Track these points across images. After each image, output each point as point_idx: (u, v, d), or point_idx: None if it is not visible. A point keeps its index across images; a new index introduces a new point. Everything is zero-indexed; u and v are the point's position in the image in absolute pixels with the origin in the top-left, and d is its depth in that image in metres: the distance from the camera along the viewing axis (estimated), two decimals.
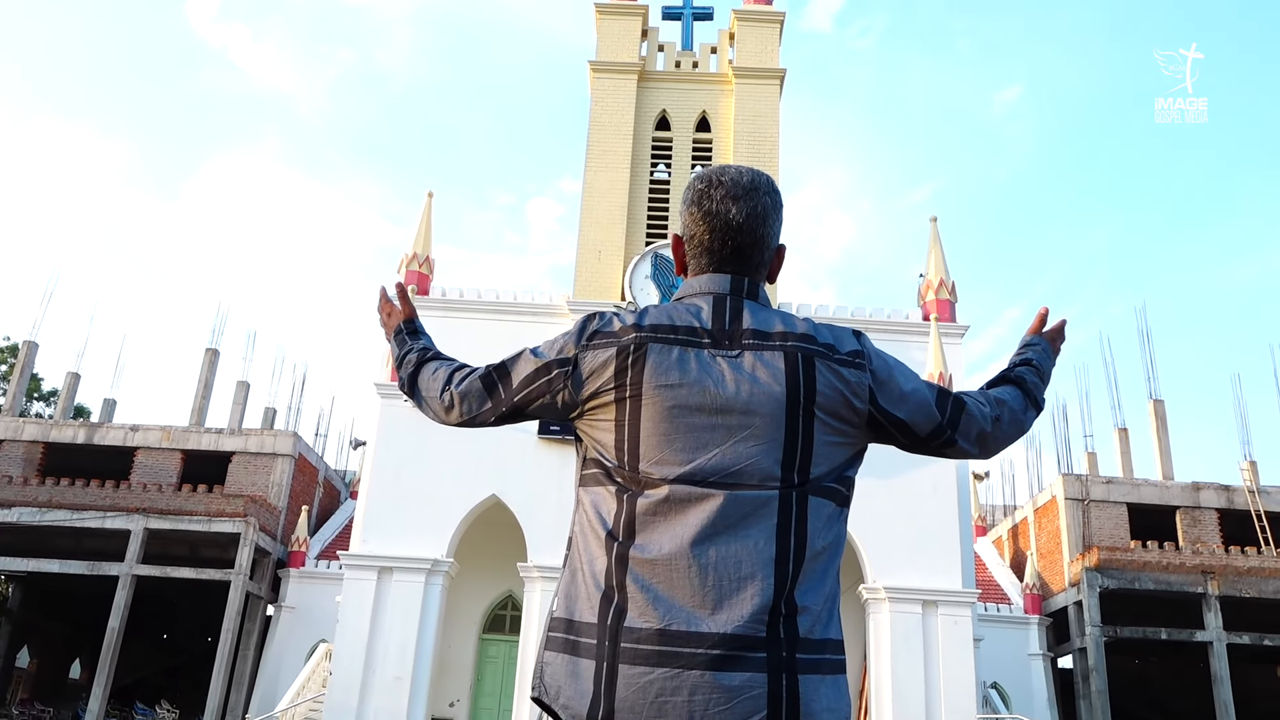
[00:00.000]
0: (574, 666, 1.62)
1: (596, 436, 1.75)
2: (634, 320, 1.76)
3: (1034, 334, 2.10)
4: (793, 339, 1.74)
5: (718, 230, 1.83)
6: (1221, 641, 24.30)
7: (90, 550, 26.66)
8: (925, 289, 19.18)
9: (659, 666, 1.56)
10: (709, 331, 1.75)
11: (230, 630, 25.18)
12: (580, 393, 1.76)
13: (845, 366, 1.74)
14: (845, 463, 1.76)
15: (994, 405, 1.88)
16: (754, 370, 1.70)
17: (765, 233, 1.85)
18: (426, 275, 19.24)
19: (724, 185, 1.84)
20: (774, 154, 19.92)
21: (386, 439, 16.34)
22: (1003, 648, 25.03)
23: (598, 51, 20.81)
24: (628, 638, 1.59)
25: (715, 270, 1.83)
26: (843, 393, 1.72)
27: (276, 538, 27.69)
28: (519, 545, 16.35)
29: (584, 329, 1.79)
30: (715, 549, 1.61)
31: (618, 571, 1.63)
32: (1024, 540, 30.48)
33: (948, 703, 14.98)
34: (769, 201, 1.86)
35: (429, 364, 1.99)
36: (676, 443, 1.67)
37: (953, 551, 15.69)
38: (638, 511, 1.66)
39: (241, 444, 28.66)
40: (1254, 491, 26.97)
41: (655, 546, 1.62)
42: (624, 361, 1.72)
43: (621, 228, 19.38)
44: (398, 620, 15.60)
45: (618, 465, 1.70)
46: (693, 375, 1.70)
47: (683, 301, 1.82)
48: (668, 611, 1.58)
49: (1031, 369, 1.99)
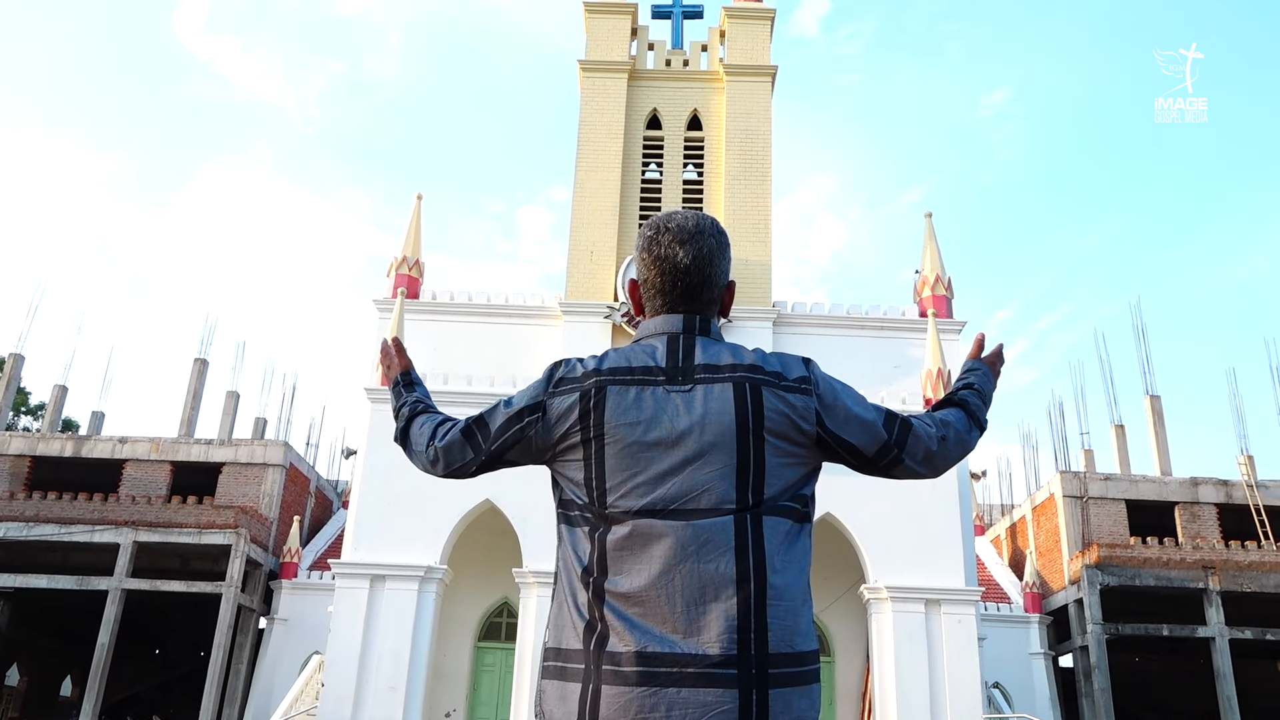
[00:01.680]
0: (563, 690, 1.74)
1: (568, 475, 1.87)
2: (594, 365, 1.89)
3: (974, 359, 2.24)
4: (741, 370, 1.85)
5: (668, 273, 1.95)
6: (1224, 637, 24.12)
7: (79, 565, 26.28)
8: (921, 285, 18.99)
9: (638, 686, 1.67)
10: (664, 370, 1.86)
11: (222, 644, 24.82)
12: (550, 436, 1.89)
13: (791, 392, 1.85)
14: (799, 481, 1.86)
15: (940, 426, 1.99)
16: (705, 402, 1.82)
17: (713, 272, 1.97)
18: (417, 279, 18.98)
19: (671, 230, 1.97)
20: (766, 151, 19.72)
21: (377, 444, 16.05)
22: (1003, 647, 24.80)
23: (587, 51, 20.60)
24: (609, 661, 1.70)
25: (669, 311, 1.96)
26: (790, 417, 1.83)
27: (268, 549, 27.35)
28: (514, 551, 16.07)
29: (551, 376, 1.93)
30: (680, 576, 1.72)
31: (596, 604, 1.76)
32: (1022, 539, 30.29)
33: (953, 703, 14.74)
34: (714, 243, 1.98)
35: (418, 418, 2.11)
36: (638, 476, 1.79)
37: (955, 550, 15.46)
38: (608, 548, 1.78)
39: (231, 455, 28.33)
40: (1252, 486, 26.83)
41: (627, 580, 1.75)
42: (586, 405, 1.84)
43: (613, 228, 19.15)
44: (391, 629, 15.29)
45: (587, 503, 1.83)
46: (649, 412, 1.82)
47: (640, 343, 1.94)
48: (644, 636, 1.70)
49: (974, 392, 2.13)
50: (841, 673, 17.70)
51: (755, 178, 19.54)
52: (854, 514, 15.76)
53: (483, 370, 17.06)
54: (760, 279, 18.61)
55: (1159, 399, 29.20)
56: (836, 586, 17.17)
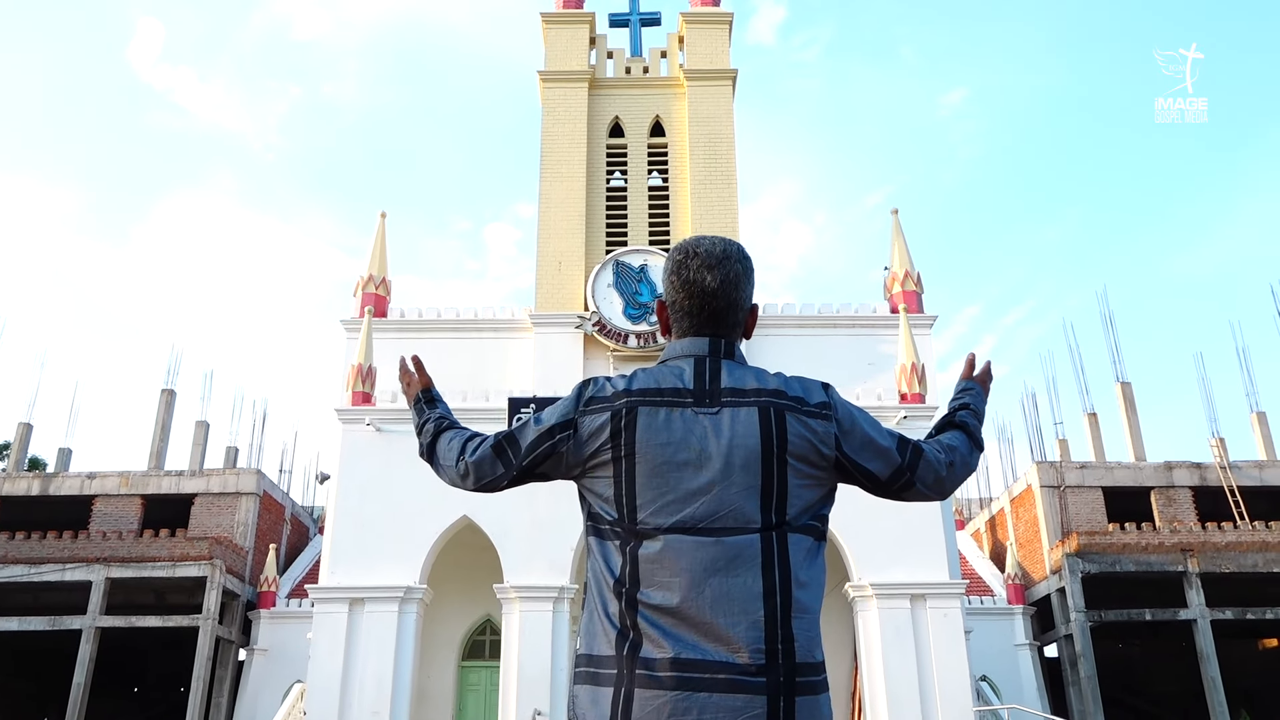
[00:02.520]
0: (595, 695, 1.80)
1: (598, 491, 1.93)
2: (625, 385, 1.95)
3: (966, 378, 2.34)
4: (765, 394, 1.93)
5: (695, 296, 2.02)
6: (1205, 619, 24.24)
7: (51, 605, 25.72)
8: (891, 281, 19.02)
9: (671, 690, 1.74)
10: (691, 392, 1.93)
11: (201, 677, 24.36)
12: (582, 453, 1.95)
13: (813, 418, 1.93)
14: (818, 502, 1.95)
15: (947, 452, 2.08)
16: (732, 425, 1.89)
17: (738, 296, 2.04)
18: (384, 297, 18.78)
19: (700, 255, 2.03)
20: (730, 154, 19.70)
21: (350, 465, 15.81)
22: (989, 640, 24.80)
23: (546, 61, 20.52)
24: (643, 666, 1.77)
25: (695, 333, 2.03)
26: (811, 441, 1.91)
27: (245, 579, 26.90)
28: (495, 567, 15.87)
29: (580, 395, 1.99)
30: (711, 590, 1.79)
31: (629, 613, 1.82)
32: (1002, 531, 30.38)
33: (942, 697, 14.68)
34: (740, 268, 2.05)
35: (445, 434, 2.18)
36: (668, 495, 1.85)
37: (937, 543, 15.43)
38: (640, 561, 1.84)
39: (203, 485, 27.89)
40: (1225, 468, 27.07)
41: (659, 593, 1.81)
42: (618, 424, 1.91)
43: (580, 237, 19.04)
44: (372, 652, 15.02)
45: (617, 518, 1.89)
46: (679, 434, 1.88)
47: (668, 364, 2.00)
48: (677, 643, 1.77)
49: (970, 413, 2.22)
50: (830, 673, 17.57)
51: (720, 181, 19.51)
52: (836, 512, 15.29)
53: (454, 385, 16.84)
54: None
55: (1130, 386, 29.43)
56: None
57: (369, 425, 15.95)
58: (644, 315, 18.24)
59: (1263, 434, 28.78)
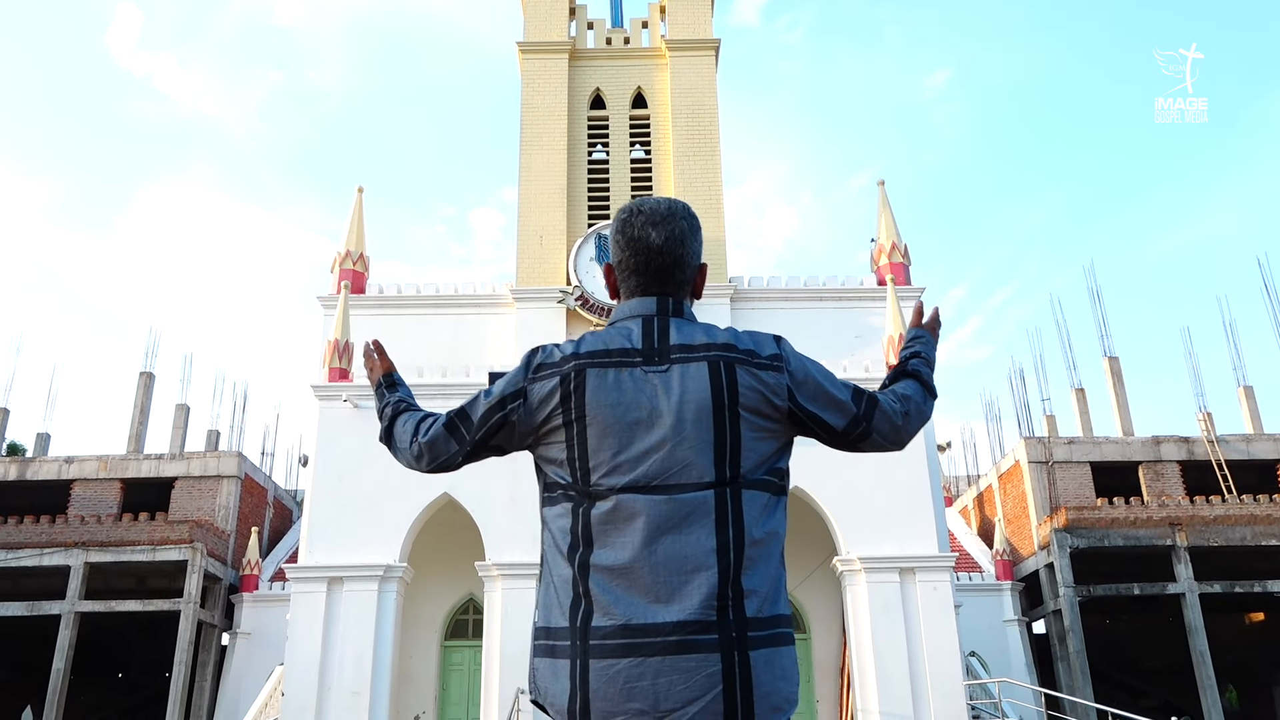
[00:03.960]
0: (554, 667, 1.80)
1: (551, 457, 1.93)
2: (573, 349, 1.94)
3: (915, 326, 2.33)
4: (715, 349, 1.91)
5: (641, 254, 2.01)
6: (1194, 592, 24.19)
7: (29, 591, 25.37)
8: (878, 253, 18.75)
9: (624, 657, 1.73)
10: (640, 351, 1.92)
11: (184, 662, 24.07)
12: (533, 420, 1.94)
13: (764, 370, 1.91)
14: (774, 454, 1.92)
15: (902, 401, 2.07)
16: (682, 381, 1.87)
17: (684, 253, 2.03)
18: (361, 273, 18.42)
19: (644, 214, 2.03)
20: (713, 126, 19.37)
21: (328, 443, 15.48)
22: (977, 616, 24.70)
23: (525, 32, 20.10)
24: (595, 635, 1.76)
25: (643, 293, 2.02)
26: (763, 393, 1.89)
27: (227, 562, 26.60)
28: (476, 545, 15.60)
29: (529, 363, 1.98)
30: (663, 548, 1.78)
31: (581, 579, 1.81)
32: (990, 508, 30.29)
33: (932, 671, 14.49)
34: (685, 225, 2.04)
35: (401, 416, 2.16)
36: (620, 455, 1.84)
37: (926, 517, 15.22)
38: (592, 523, 1.83)
39: (184, 468, 27.53)
40: (1213, 442, 26.99)
41: (611, 553, 1.80)
42: (567, 388, 1.90)
43: (562, 211, 18.70)
44: (352, 632, 14.72)
45: (571, 482, 1.88)
46: (629, 393, 1.87)
47: (616, 325, 1.99)
48: (628, 608, 1.76)
49: (922, 360, 2.20)
50: (818, 648, 17.42)
51: (704, 153, 19.18)
52: (823, 486, 15.46)
53: (434, 362, 16.54)
54: (715, 255, 18.25)
55: (1117, 360, 29.31)
56: (809, 561, 16.88)
57: (346, 401, 15.62)
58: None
59: (1250, 407, 28.71)
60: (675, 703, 1.71)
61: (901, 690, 14.44)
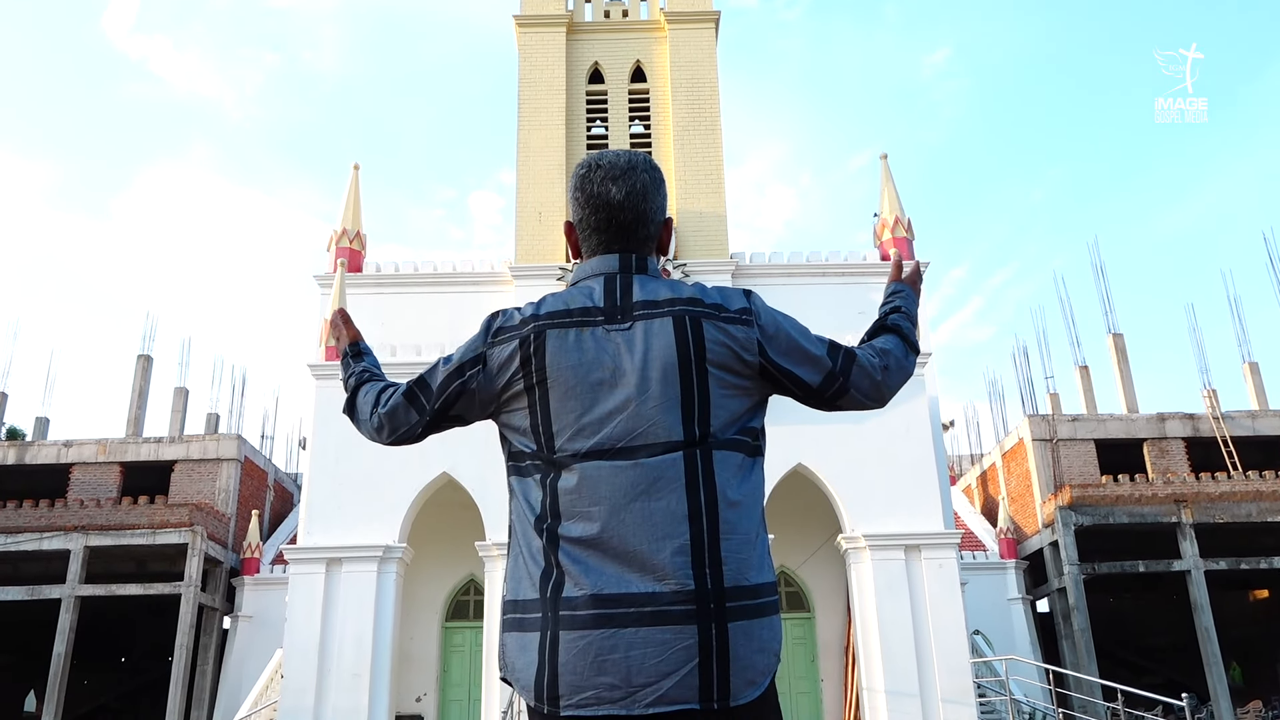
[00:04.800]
0: (522, 641, 1.72)
1: (514, 424, 1.85)
2: (532, 311, 1.86)
3: (895, 280, 2.24)
4: (680, 303, 1.83)
5: (601, 210, 1.93)
6: (1199, 569, 24.06)
7: (30, 575, 25.30)
8: (881, 228, 18.52)
9: (595, 629, 1.65)
10: (602, 310, 1.84)
11: (185, 645, 24.01)
12: (493, 387, 1.85)
13: (732, 324, 1.83)
14: (746, 413, 1.83)
15: (881, 356, 1.97)
16: (646, 338, 1.79)
17: (647, 208, 1.94)
18: (359, 251, 18.20)
19: (603, 168, 1.95)
20: (714, 99, 19.08)
21: (325, 421, 15.28)
22: (982, 595, 24.59)
23: (522, 5, 19.79)
24: (565, 607, 1.68)
25: (605, 251, 1.94)
26: (731, 348, 1.81)
27: (228, 546, 26.50)
28: (476, 525, 15.43)
29: (489, 327, 1.90)
30: (632, 515, 1.70)
31: (550, 549, 1.73)
32: (994, 486, 30.14)
33: (939, 649, 14.34)
34: (648, 179, 1.95)
35: (364, 387, 2.06)
36: (584, 418, 1.76)
37: (932, 493, 15.04)
38: (559, 493, 1.75)
39: (183, 452, 27.40)
40: (1218, 418, 26.81)
41: (580, 524, 1.72)
42: (526, 351, 1.81)
43: (561, 187, 18.44)
44: (351, 613, 14.57)
45: (535, 449, 1.80)
46: (590, 354, 1.79)
47: (578, 285, 1.91)
48: (599, 578, 1.68)
49: (902, 315, 2.11)
50: (823, 627, 17.27)
51: (704, 127, 18.91)
52: (826, 463, 15.28)
53: (432, 340, 16.32)
54: (716, 230, 18.02)
55: (1121, 337, 29.10)
56: (813, 540, 16.72)
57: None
58: None
59: (1255, 384, 28.51)
60: (648, 676, 1.63)
61: (907, 668, 14.30)
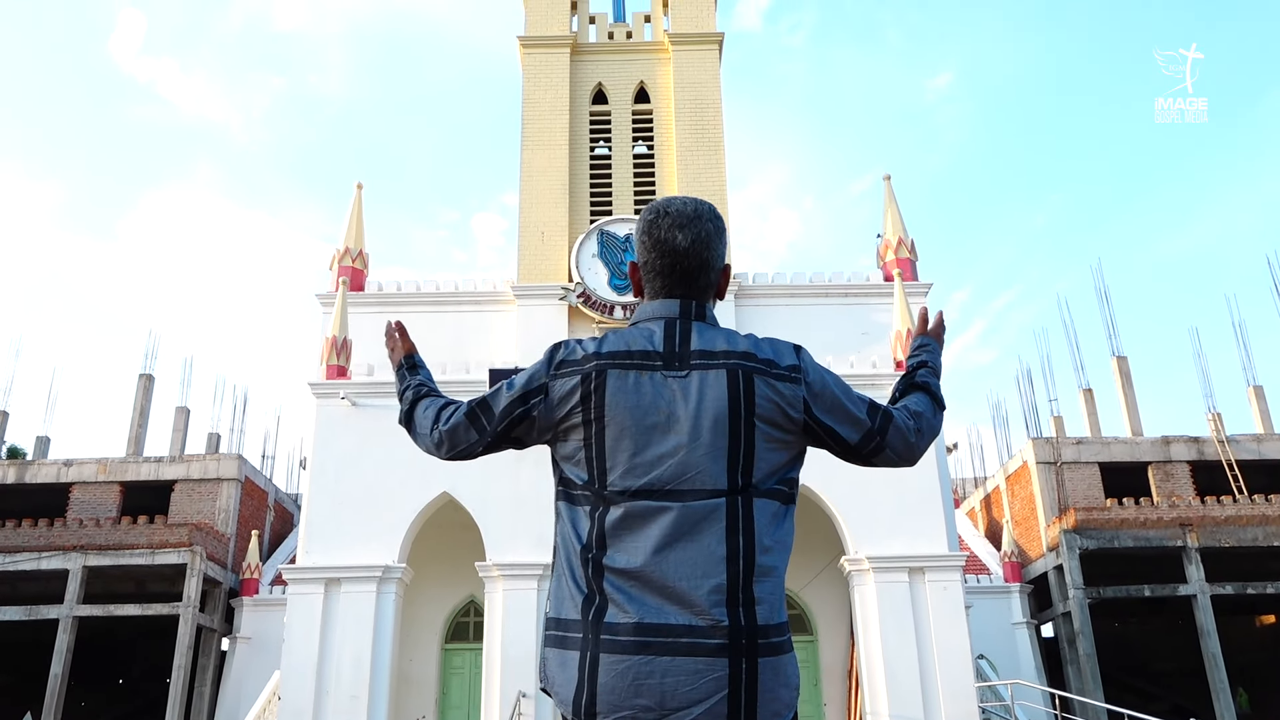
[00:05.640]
0: (562, 658, 1.83)
1: (568, 454, 1.94)
2: (595, 348, 1.96)
3: (921, 334, 2.37)
4: (735, 357, 1.92)
5: (667, 255, 2.02)
6: (1205, 594, 23.84)
7: (28, 595, 25.12)
8: (884, 249, 18.47)
9: (635, 654, 1.76)
10: (661, 354, 1.93)
11: (183, 666, 23.80)
12: (553, 416, 1.95)
13: (782, 381, 1.92)
14: (785, 465, 1.93)
15: (915, 418, 2.08)
16: (700, 388, 1.89)
17: (710, 256, 2.04)
18: (361, 270, 18.17)
19: (670, 215, 2.04)
20: (717, 120, 19.11)
21: (325, 441, 15.20)
22: (986, 619, 24.36)
23: (527, 26, 19.87)
24: (607, 631, 1.79)
25: (666, 294, 2.03)
26: (779, 404, 1.90)
27: (227, 566, 26.33)
28: (477, 546, 15.31)
29: (552, 359, 1.99)
30: (675, 554, 1.81)
31: (595, 578, 1.84)
32: (998, 509, 29.95)
33: (943, 673, 14.16)
34: (711, 228, 2.04)
35: (422, 401, 2.18)
36: (636, 458, 1.86)
37: (936, 516, 14.91)
38: (606, 526, 1.85)
39: (184, 471, 27.28)
40: (1223, 441, 26.66)
41: (624, 556, 1.83)
42: (587, 388, 1.91)
43: (564, 207, 18.44)
44: (350, 634, 14.42)
45: (587, 481, 1.90)
46: (647, 397, 1.89)
47: (638, 326, 2.00)
48: (641, 608, 1.79)
49: (929, 371, 2.23)
50: (825, 650, 17.10)
51: (707, 148, 18.92)
52: (830, 485, 15.16)
53: (434, 359, 16.25)
54: None
55: (1125, 360, 28.98)
56: (816, 562, 16.58)
57: (344, 399, 15.33)
58: (630, 286, 17.62)
59: (1260, 407, 28.38)
60: (680, 702, 1.74)
61: (911, 692, 14.12)
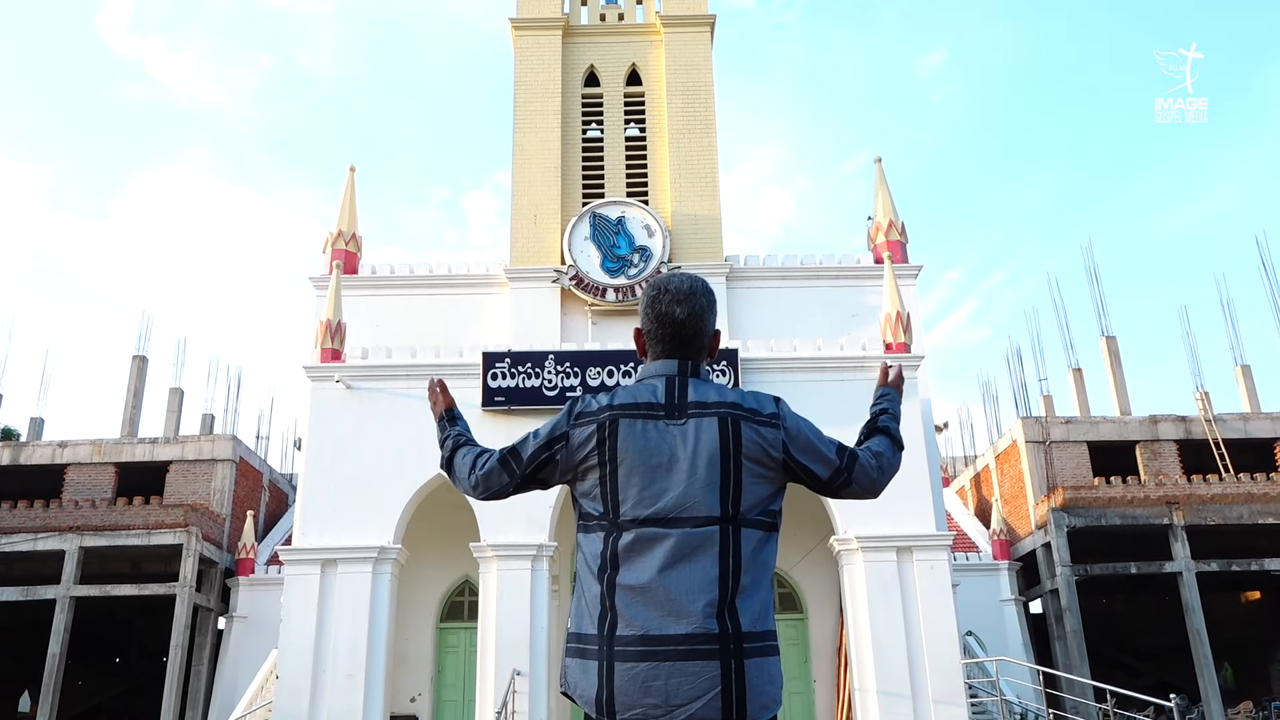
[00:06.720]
0: (583, 667, 2.18)
1: (586, 491, 2.31)
2: (608, 401, 2.32)
3: (882, 385, 2.74)
4: (724, 406, 2.29)
5: (667, 326, 2.40)
6: (1191, 571, 24.17)
7: (24, 575, 25.26)
8: (875, 231, 18.59)
9: (642, 661, 2.11)
10: (663, 405, 2.30)
11: (180, 646, 24.00)
12: (573, 460, 2.32)
13: (764, 426, 2.29)
14: (768, 497, 2.29)
15: (876, 458, 2.46)
16: (697, 433, 2.25)
17: (703, 326, 2.41)
18: (354, 253, 18.24)
19: (670, 292, 2.40)
20: (709, 103, 19.16)
21: (320, 423, 15.32)
22: (974, 596, 24.69)
23: (519, 8, 19.87)
24: (619, 643, 2.14)
25: (667, 356, 2.40)
26: (762, 445, 2.27)
27: (223, 546, 26.51)
28: (471, 527, 15.48)
29: (571, 411, 2.36)
30: (675, 573, 2.16)
31: (608, 595, 2.19)
32: (987, 488, 30.24)
33: (930, 650, 14.41)
34: (704, 302, 2.42)
35: (461, 449, 2.55)
36: (644, 492, 2.22)
37: (924, 495, 15.11)
38: (619, 549, 2.20)
39: (178, 452, 27.39)
40: (1211, 421, 26.92)
41: (634, 574, 2.18)
42: (603, 435, 2.27)
43: (556, 189, 18.52)
44: (346, 614, 14.60)
45: (602, 512, 2.26)
46: (653, 441, 2.25)
47: (644, 382, 2.38)
48: (646, 621, 2.14)
49: (890, 417, 2.63)
50: (815, 628, 17.35)
51: (699, 130, 18.98)
52: None
53: (428, 342, 16.38)
54: (710, 233, 18.10)
55: (1115, 340, 29.20)
56: (806, 541, 16.79)
57: (339, 382, 15.45)
58: (622, 268, 17.74)
59: (1247, 386, 28.63)
60: (683, 699, 2.08)
61: (899, 669, 14.37)
